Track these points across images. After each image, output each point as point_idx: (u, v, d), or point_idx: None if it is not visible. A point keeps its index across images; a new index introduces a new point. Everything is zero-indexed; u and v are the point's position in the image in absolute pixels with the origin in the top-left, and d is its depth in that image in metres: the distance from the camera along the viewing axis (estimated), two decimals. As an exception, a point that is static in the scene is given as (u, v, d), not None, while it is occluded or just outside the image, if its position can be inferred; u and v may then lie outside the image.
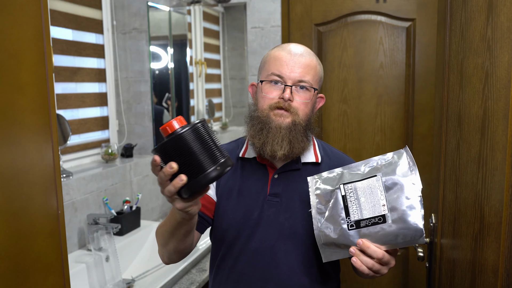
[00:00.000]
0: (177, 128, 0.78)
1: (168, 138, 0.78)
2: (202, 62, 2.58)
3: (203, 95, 2.73)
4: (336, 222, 0.92)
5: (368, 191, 0.90)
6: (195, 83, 2.64)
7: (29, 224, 0.66)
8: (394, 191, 0.88)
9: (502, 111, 0.71)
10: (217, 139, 0.82)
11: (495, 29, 0.75)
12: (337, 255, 0.95)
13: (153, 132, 2.33)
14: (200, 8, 2.50)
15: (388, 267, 0.92)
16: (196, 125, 0.78)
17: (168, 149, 0.77)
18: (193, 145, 0.77)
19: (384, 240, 0.89)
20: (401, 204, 0.87)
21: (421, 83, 2.00)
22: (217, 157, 0.79)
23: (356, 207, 0.90)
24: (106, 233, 1.69)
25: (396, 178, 0.88)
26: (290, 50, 1.08)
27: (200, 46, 2.62)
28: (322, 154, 1.15)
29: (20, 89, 0.65)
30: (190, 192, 0.79)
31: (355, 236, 0.90)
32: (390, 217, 0.88)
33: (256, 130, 1.07)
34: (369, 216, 0.89)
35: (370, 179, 0.90)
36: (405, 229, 0.87)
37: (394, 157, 0.92)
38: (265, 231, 1.08)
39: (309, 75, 1.06)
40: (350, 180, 0.92)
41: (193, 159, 0.77)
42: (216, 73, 2.70)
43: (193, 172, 0.77)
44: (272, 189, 1.10)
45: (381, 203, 0.88)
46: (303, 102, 1.06)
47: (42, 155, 0.69)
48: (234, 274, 1.10)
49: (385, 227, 0.88)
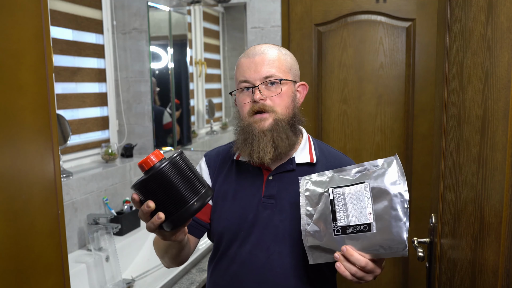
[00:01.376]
0: (155, 163, 0.78)
1: (147, 174, 0.77)
2: (202, 62, 2.58)
3: (203, 95, 2.73)
4: (323, 226, 0.91)
5: (356, 197, 0.89)
6: (195, 83, 2.64)
7: (29, 224, 0.66)
8: (381, 200, 0.87)
9: (502, 111, 0.71)
10: (196, 170, 0.82)
11: (495, 29, 0.75)
12: (322, 258, 0.94)
13: (153, 132, 2.33)
14: (200, 8, 2.50)
15: (373, 275, 0.92)
16: (175, 158, 0.78)
17: (148, 186, 0.77)
18: (173, 179, 0.77)
19: (368, 248, 0.89)
20: (387, 214, 0.86)
21: (421, 83, 2.00)
22: (197, 188, 0.79)
23: (343, 212, 0.90)
24: (106, 233, 1.69)
25: (383, 187, 0.88)
26: (248, 53, 1.07)
27: (200, 46, 2.62)
28: (317, 154, 1.14)
29: (20, 89, 0.65)
30: (172, 226, 0.80)
31: (340, 242, 0.90)
32: (375, 226, 0.87)
33: (240, 142, 1.07)
34: (355, 223, 0.88)
35: (358, 185, 0.90)
36: (388, 240, 0.87)
37: (384, 164, 0.91)
38: (260, 233, 1.07)
39: (273, 68, 1.05)
40: (339, 184, 0.92)
41: (174, 194, 0.77)
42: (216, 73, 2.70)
43: (175, 206, 0.77)
44: (266, 191, 1.09)
45: (367, 211, 0.88)
46: (276, 97, 1.05)
47: (42, 155, 0.69)
48: (229, 276, 1.10)
49: (370, 236, 0.88)
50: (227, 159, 1.18)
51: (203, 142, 2.66)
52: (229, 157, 1.17)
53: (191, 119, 2.62)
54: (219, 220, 1.12)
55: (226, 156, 1.18)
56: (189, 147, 2.53)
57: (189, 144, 2.56)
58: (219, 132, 2.81)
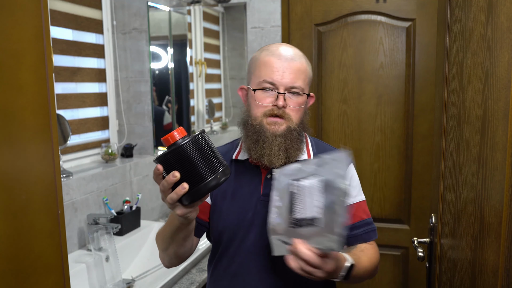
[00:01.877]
0: (178, 139, 0.83)
1: (170, 148, 0.82)
2: (202, 62, 2.58)
3: (203, 95, 2.73)
4: (284, 218, 0.91)
5: (309, 190, 0.88)
6: (195, 83, 2.64)
7: (29, 224, 0.66)
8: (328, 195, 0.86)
9: (502, 111, 0.71)
10: (216, 149, 0.87)
11: (495, 29, 0.75)
12: (283, 251, 0.93)
13: (153, 132, 2.33)
14: (200, 8, 2.50)
15: (324, 271, 0.87)
16: (197, 136, 0.83)
17: (169, 160, 0.82)
18: (193, 155, 0.82)
19: (315, 243, 0.87)
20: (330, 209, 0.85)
21: (421, 83, 2.00)
22: (216, 166, 0.84)
23: (299, 205, 0.89)
24: (106, 233, 1.69)
25: (329, 182, 0.87)
26: (280, 55, 1.06)
27: (200, 46, 2.62)
28: (314, 151, 1.15)
29: (20, 89, 0.65)
30: (191, 200, 0.84)
31: (294, 235, 0.89)
32: (320, 221, 0.86)
33: (252, 142, 1.07)
34: (307, 216, 0.88)
35: (312, 178, 0.89)
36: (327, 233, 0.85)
37: (336, 158, 0.90)
38: (259, 231, 1.08)
39: (300, 79, 1.06)
40: (300, 177, 0.91)
41: (194, 169, 0.82)
42: (216, 73, 2.70)
43: (194, 181, 0.82)
44: (265, 189, 1.10)
45: (317, 204, 0.87)
46: (296, 107, 1.07)
47: (42, 155, 0.69)
48: (229, 275, 1.10)
49: (315, 230, 0.86)
50: (226, 159, 1.18)
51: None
52: (228, 157, 1.18)
53: (191, 119, 2.62)
54: (219, 220, 1.12)
55: (226, 155, 1.19)
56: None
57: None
58: (219, 132, 2.81)
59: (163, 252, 1.12)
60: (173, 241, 1.06)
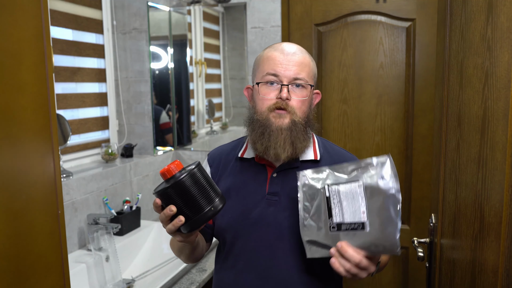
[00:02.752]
0: (175, 173, 0.88)
1: (168, 183, 0.87)
2: (202, 62, 2.58)
3: (203, 95, 2.73)
4: (320, 222, 0.93)
5: (350, 196, 0.90)
6: (195, 83, 2.64)
7: (29, 224, 0.66)
8: (374, 201, 0.88)
9: (502, 111, 0.71)
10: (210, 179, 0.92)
11: (495, 29, 0.75)
12: (319, 253, 0.96)
13: (153, 132, 2.33)
14: (200, 8, 2.50)
15: (367, 272, 0.92)
16: (193, 170, 0.88)
17: (168, 193, 0.87)
18: (191, 189, 0.87)
19: (362, 246, 0.89)
20: (379, 215, 0.87)
21: (421, 83, 2.00)
22: (212, 197, 0.89)
23: (338, 209, 0.91)
24: (106, 233, 1.69)
25: (376, 187, 0.88)
26: (282, 49, 1.08)
27: (200, 46, 2.62)
28: (322, 151, 1.15)
29: (20, 89, 0.65)
30: (189, 229, 0.90)
31: (336, 238, 0.91)
32: (369, 226, 0.88)
33: (257, 135, 1.07)
34: (350, 221, 0.90)
35: (352, 183, 0.91)
36: (381, 240, 0.88)
37: (378, 164, 0.91)
38: (264, 230, 1.08)
39: (304, 72, 1.07)
40: (335, 181, 0.93)
41: (192, 201, 0.87)
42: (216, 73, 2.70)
43: (192, 212, 0.88)
44: (270, 188, 1.10)
45: (361, 209, 0.89)
46: (300, 100, 1.07)
47: (42, 155, 0.69)
48: (235, 273, 1.11)
49: (364, 235, 0.89)
50: (231, 157, 1.19)
51: (203, 142, 2.66)
52: (233, 155, 1.18)
53: (191, 119, 2.62)
54: (223, 217, 1.12)
55: (230, 154, 1.19)
56: (189, 147, 2.53)
57: (189, 144, 2.55)
58: (219, 132, 2.81)
59: (178, 257, 1.22)
60: (182, 253, 1.16)
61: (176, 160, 0.90)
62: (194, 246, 1.10)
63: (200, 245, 1.15)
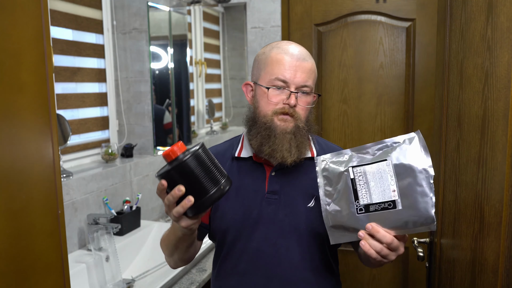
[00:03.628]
0: (179, 154, 0.83)
1: (172, 164, 0.83)
2: (202, 62, 2.58)
3: (203, 95, 2.73)
4: (345, 205, 0.90)
5: (378, 175, 0.88)
6: (195, 83, 2.64)
7: (29, 224, 0.66)
8: (405, 177, 0.86)
9: (502, 111, 0.71)
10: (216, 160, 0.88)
11: (495, 29, 0.75)
12: (345, 238, 0.93)
13: (153, 132, 2.33)
14: (200, 8, 2.50)
15: (397, 254, 0.90)
16: (197, 151, 0.84)
17: (172, 175, 0.83)
18: (196, 170, 0.83)
19: (394, 225, 0.87)
20: (412, 190, 0.85)
21: (421, 83, 2.00)
22: (218, 178, 0.85)
23: (365, 191, 0.89)
24: (106, 233, 1.69)
25: (407, 164, 0.86)
26: (292, 54, 1.07)
27: (200, 46, 2.62)
28: (317, 148, 1.16)
29: (20, 89, 0.65)
30: (196, 212, 0.86)
31: (364, 220, 0.89)
32: (401, 203, 0.86)
33: (264, 137, 1.06)
34: (379, 201, 0.87)
35: (380, 163, 0.88)
36: (415, 216, 0.85)
37: (406, 141, 0.89)
38: (266, 229, 1.08)
39: (310, 79, 1.07)
40: (360, 163, 0.90)
41: (197, 183, 0.83)
42: (216, 73, 2.70)
43: (198, 194, 0.83)
44: (270, 186, 1.10)
45: (391, 188, 0.87)
46: (306, 107, 1.07)
47: (42, 155, 0.69)
48: (237, 274, 1.10)
49: (395, 213, 0.86)
50: (227, 157, 1.17)
51: (203, 142, 2.66)
52: (229, 155, 1.17)
53: (191, 119, 2.62)
54: (222, 218, 1.11)
55: (225, 154, 1.18)
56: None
57: (189, 144, 2.56)
58: (219, 132, 2.81)
59: (169, 257, 1.16)
60: (177, 249, 1.09)
61: (179, 141, 0.86)
62: (193, 238, 1.06)
63: (195, 242, 1.13)
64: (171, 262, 1.17)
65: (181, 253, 1.11)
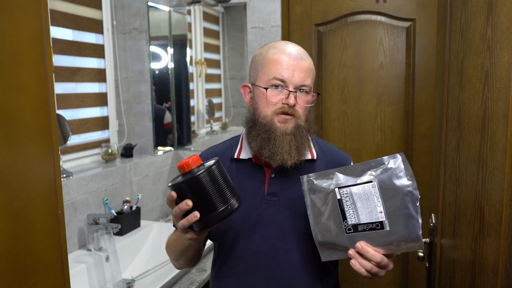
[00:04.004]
0: (193, 168, 0.85)
1: (185, 177, 0.85)
2: (202, 62, 2.58)
3: (203, 95, 2.73)
4: (334, 224, 0.92)
5: (364, 196, 0.89)
6: (195, 83, 2.64)
7: (29, 224, 0.66)
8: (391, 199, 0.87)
9: (502, 111, 0.71)
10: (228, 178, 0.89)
11: (495, 29, 0.75)
12: (335, 255, 0.95)
13: (153, 132, 2.33)
14: (200, 8, 2.50)
15: (386, 270, 0.93)
16: (211, 167, 0.85)
17: (184, 188, 0.84)
18: (207, 186, 0.84)
19: (383, 244, 0.89)
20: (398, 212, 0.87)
21: (421, 83, 2.00)
22: (228, 197, 0.86)
23: (352, 211, 0.90)
24: (106, 233, 1.69)
25: (392, 187, 0.87)
26: (289, 53, 1.06)
27: (200, 46, 2.62)
28: (317, 150, 1.15)
29: (20, 89, 0.65)
30: (202, 227, 0.87)
31: (353, 239, 0.90)
32: (388, 224, 0.87)
33: (263, 140, 1.06)
34: (366, 221, 0.89)
35: (365, 185, 0.89)
36: (403, 237, 0.87)
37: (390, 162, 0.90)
38: (265, 230, 1.08)
39: (309, 78, 1.07)
40: (345, 184, 0.91)
41: (207, 199, 0.84)
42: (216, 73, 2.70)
43: (206, 210, 0.85)
44: (269, 188, 1.10)
45: (378, 209, 0.88)
46: (305, 106, 1.07)
47: (42, 155, 0.69)
48: (236, 275, 1.10)
49: (383, 234, 0.88)
50: (225, 158, 1.17)
51: (203, 142, 2.66)
52: (228, 156, 1.16)
53: (191, 119, 2.62)
54: None
55: (224, 155, 1.17)
56: (189, 147, 2.53)
57: (189, 144, 2.55)
58: (219, 132, 2.81)
59: (175, 261, 1.18)
60: (183, 256, 1.11)
61: (195, 155, 0.88)
62: (200, 246, 1.07)
63: (201, 250, 1.15)
64: (176, 265, 1.20)
65: (187, 259, 1.13)
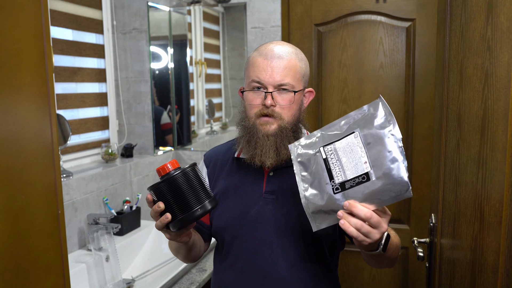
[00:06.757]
0: (170, 170, 0.91)
1: (162, 179, 0.90)
2: (202, 62, 2.58)
3: (203, 95, 2.72)
4: (322, 188, 0.87)
5: (348, 149, 0.85)
6: (195, 83, 2.64)
7: (29, 224, 0.66)
8: (374, 146, 0.83)
9: (502, 111, 0.71)
10: (205, 180, 0.94)
11: (495, 29, 0.75)
12: (326, 222, 0.90)
13: (153, 132, 2.33)
14: (200, 8, 2.50)
15: (380, 231, 0.85)
16: (186, 169, 0.91)
17: (161, 189, 0.90)
18: (182, 186, 0.89)
19: (371, 198, 0.84)
20: (382, 158, 0.82)
21: (421, 83, 2.00)
22: (202, 198, 0.91)
23: (338, 168, 0.85)
24: (106, 233, 1.69)
25: (374, 132, 0.83)
26: (267, 54, 1.06)
27: (200, 46, 2.62)
28: None
29: (20, 89, 0.65)
30: (178, 227, 0.91)
31: (341, 200, 0.85)
32: (374, 174, 0.82)
33: (245, 142, 1.08)
34: (353, 176, 0.84)
35: (348, 136, 0.85)
36: (390, 184, 0.82)
37: (370, 109, 0.86)
38: (263, 228, 1.08)
39: (288, 76, 1.05)
40: (330, 141, 0.87)
41: (182, 199, 0.90)
42: (216, 73, 2.70)
43: (181, 210, 0.90)
44: (267, 186, 1.10)
45: (362, 160, 0.84)
46: (286, 105, 1.06)
47: (42, 155, 0.69)
48: (235, 272, 1.11)
49: (370, 185, 0.83)
50: (227, 157, 1.19)
51: (203, 142, 2.66)
52: (229, 155, 1.19)
53: (191, 119, 2.62)
54: (220, 217, 1.13)
55: (226, 154, 1.20)
56: (189, 147, 2.53)
57: (189, 144, 2.55)
58: (219, 132, 2.81)
59: (176, 256, 1.22)
60: (179, 253, 1.17)
61: (173, 159, 0.93)
62: (190, 246, 1.10)
63: (197, 245, 1.15)
64: (179, 259, 1.24)
65: (183, 256, 1.17)
